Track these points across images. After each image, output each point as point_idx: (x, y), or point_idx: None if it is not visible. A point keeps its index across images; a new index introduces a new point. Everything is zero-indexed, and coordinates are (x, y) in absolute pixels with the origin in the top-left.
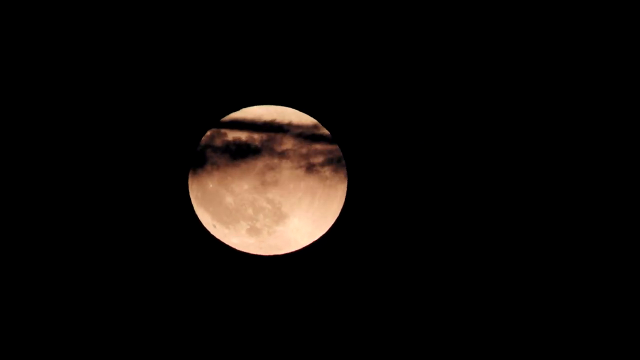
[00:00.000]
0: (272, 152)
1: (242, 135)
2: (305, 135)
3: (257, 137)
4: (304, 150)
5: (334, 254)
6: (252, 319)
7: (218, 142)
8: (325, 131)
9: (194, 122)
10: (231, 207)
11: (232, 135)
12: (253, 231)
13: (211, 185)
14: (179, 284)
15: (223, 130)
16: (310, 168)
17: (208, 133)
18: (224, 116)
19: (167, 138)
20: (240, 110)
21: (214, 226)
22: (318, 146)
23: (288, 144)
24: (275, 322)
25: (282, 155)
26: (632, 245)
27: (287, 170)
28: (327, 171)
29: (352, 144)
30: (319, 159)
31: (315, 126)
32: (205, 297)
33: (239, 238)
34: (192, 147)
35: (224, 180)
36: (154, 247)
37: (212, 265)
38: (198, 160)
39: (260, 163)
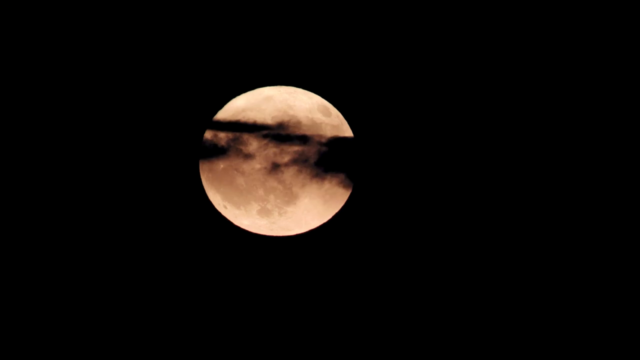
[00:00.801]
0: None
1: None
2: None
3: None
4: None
5: (345, 234)
6: (264, 300)
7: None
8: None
9: (206, 103)
10: (242, 188)
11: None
12: (264, 212)
13: (222, 166)
14: (191, 266)
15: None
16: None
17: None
18: (237, 95)
19: (179, 118)
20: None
21: (225, 207)
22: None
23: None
24: (286, 303)
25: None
26: (632, 245)
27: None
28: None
29: (363, 124)
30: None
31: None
32: (216, 279)
33: (250, 219)
34: (204, 128)
35: (234, 161)
36: (165, 228)
37: (224, 247)
38: (209, 141)
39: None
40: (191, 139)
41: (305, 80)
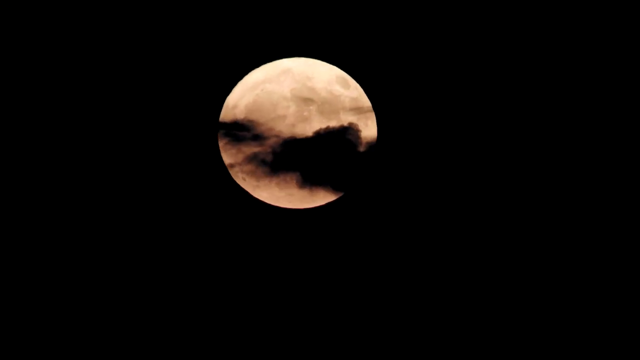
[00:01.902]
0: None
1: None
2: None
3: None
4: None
5: (363, 207)
6: (282, 271)
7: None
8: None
9: (226, 74)
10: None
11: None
12: (283, 184)
13: (240, 138)
14: (209, 238)
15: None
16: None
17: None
18: (257, 67)
19: (199, 89)
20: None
21: (244, 179)
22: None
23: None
24: (304, 275)
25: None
26: (632, 245)
27: (317, 122)
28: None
29: (382, 96)
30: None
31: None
32: (234, 251)
33: (269, 191)
34: (223, 99)
35: (252, 132)
36: (184, 201)
37: (242, 219)
38: (228, 113)
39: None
40: (211, 109)
41: (324, 51)
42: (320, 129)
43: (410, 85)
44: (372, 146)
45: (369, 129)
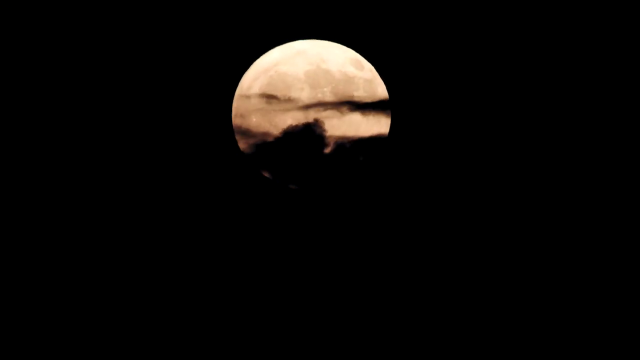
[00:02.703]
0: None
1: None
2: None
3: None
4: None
5: (371, 187)
6: (290, 251)
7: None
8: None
9: (239, 56)
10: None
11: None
12: None
13: (254, 119)
14: (221, 217)
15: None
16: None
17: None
18: (269, 49)
19: (213, 71)
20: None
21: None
22: None
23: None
24: (312, 255)
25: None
26: (632, 245)
27: (330, 110)
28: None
29: (396, 78)
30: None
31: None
32: (246, 230)
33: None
34: (237, 81)
35: (267, 115)
36: (196, 180)
37: (254, 199)
38: (242, 93)
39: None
40: (225, 90)
41: (338, 33)
42: (284, 129)
43: (426, 68)
44: (375, 140)
45: (381, 124)
